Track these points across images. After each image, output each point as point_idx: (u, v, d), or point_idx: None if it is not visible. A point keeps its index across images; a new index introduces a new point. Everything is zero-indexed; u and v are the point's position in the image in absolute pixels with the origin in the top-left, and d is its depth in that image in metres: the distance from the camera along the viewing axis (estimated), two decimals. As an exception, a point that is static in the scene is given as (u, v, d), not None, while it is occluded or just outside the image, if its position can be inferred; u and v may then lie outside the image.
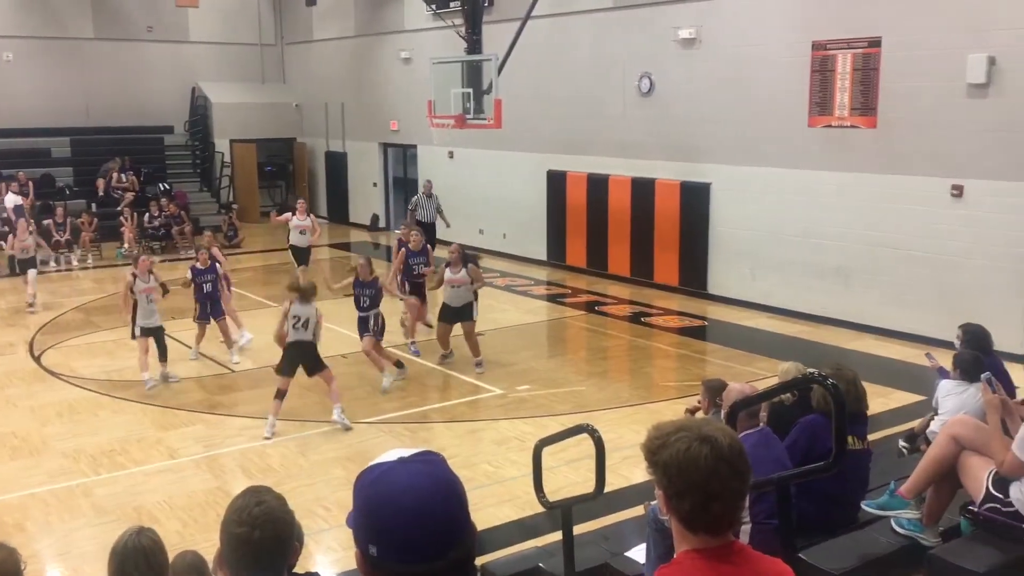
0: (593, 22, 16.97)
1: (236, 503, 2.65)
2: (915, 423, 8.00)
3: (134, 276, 10.93)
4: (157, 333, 10.98)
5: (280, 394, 9.32)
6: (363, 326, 10.96)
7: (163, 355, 11.05)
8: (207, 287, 11.88)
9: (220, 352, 12.24)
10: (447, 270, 11.43)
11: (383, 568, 1.65)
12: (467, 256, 11.57)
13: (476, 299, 11.70)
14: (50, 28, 23.46)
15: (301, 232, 15.81)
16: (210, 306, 11.93)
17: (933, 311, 12.23)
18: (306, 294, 9.33)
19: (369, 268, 10.97)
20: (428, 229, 17.59)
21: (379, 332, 10.92)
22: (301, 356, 9.36)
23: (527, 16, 15.53)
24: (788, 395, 5.99)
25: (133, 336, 11.14)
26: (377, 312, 10.90)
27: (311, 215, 16.24)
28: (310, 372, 9.53)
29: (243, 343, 12.51)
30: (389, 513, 1.63)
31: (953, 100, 11.93)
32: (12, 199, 19.43)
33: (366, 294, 10.89)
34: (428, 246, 12.89)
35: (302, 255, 15.95)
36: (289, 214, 16.12)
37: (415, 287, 12.47)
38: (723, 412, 5.34)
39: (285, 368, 9.38)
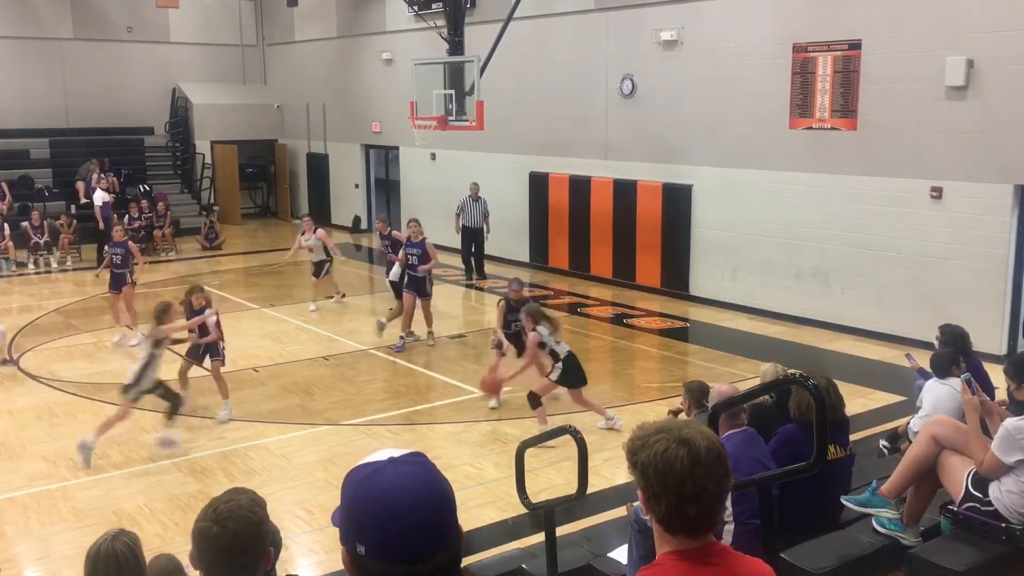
0: (575, 24, 16.99)
1: (211, 500, 2.69)
2: (898, 423, 8.06)
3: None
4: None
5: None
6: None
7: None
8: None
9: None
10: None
11: (370, 567, 1.65)
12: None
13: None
14: (28, 28, 23.28)
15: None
16: (202, 345, 10.12)
17: (913, 312, 12.33)
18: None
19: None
20: (473, 234, 17.49)
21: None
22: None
23: (509, 17, 15.53)
24: (767, 396, 6.04)
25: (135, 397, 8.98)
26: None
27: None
28: None
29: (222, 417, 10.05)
30: (378, 512, 1.63)
31: (932, 102, 12.02)
32: (100, 196, 19.13)
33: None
34: (426, 239, 12.54)
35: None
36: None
37: (413, 280, 12.36)
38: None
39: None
